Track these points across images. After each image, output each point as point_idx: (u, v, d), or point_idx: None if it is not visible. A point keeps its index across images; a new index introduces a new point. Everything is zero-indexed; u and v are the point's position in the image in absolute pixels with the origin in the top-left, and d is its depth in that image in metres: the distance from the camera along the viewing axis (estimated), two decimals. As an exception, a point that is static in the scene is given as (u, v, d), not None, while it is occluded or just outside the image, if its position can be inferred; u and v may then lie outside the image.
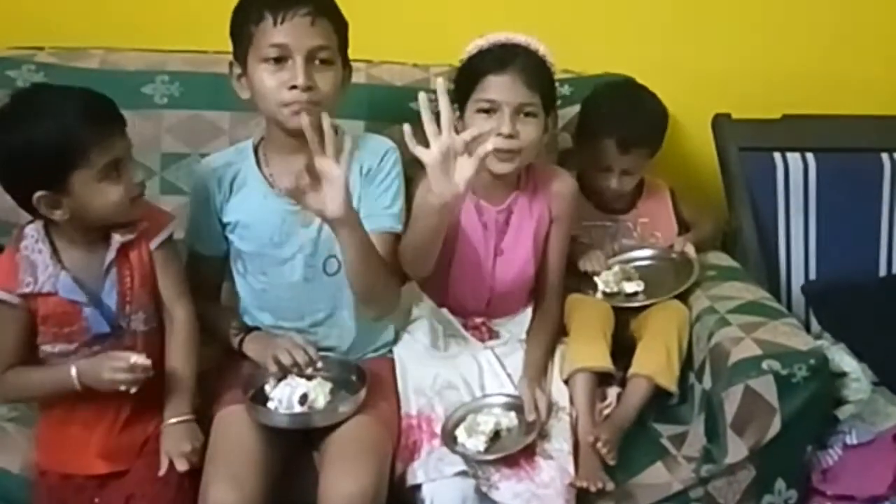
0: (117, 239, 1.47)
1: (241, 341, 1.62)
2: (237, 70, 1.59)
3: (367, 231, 1.53)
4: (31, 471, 1.50)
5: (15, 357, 1.48)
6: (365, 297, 1.57)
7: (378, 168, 1.62)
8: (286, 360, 1.52)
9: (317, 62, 1.52)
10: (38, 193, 1.41)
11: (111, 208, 1.43)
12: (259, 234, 1.60)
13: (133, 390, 1.41)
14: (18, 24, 2.02)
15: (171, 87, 1.90)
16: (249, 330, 1.64)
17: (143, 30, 2.01)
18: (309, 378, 1.52)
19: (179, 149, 1.88)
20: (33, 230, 1.47)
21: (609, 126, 1.84)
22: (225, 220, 1.63)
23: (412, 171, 1.63)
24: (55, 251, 1.46)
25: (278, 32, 1.50)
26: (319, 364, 1.54)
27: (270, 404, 1.49)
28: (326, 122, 1.42)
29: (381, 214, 1.61)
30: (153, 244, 1.51)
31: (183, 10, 2.04)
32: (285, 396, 1.48)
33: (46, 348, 1.47)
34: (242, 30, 1.54)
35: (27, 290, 1.44)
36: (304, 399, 1.48)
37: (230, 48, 1.95)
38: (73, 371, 1.43)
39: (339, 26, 1.57)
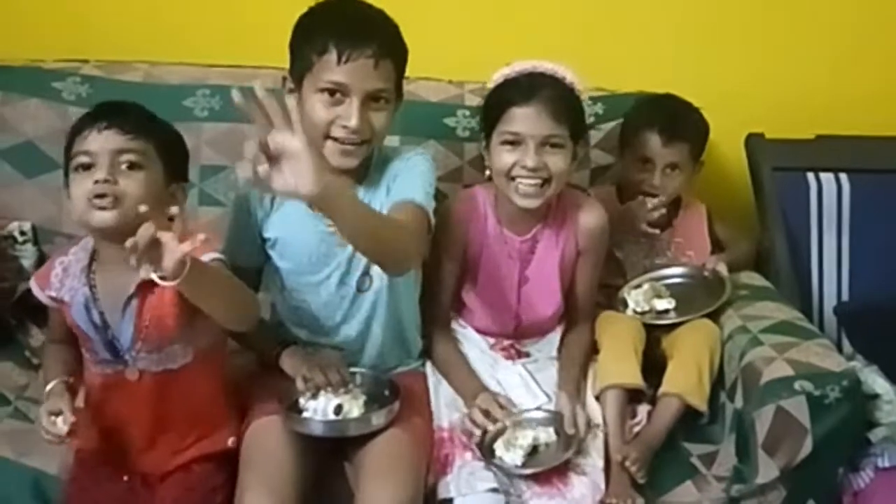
0: (141, 274, 1.34)
1: (278, 355, 1.63)
2: (290, 84, 1.56)
3: (395, 202, 1.52)
4: (67, 473, 1.52)
5: (60, 335, 1.53)
6: (376, 259, 1.45)
7: (407, 165, 1.59)
8: (319, 381, 1.53)
9: (373, 102, 1.50)
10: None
11: (77, 207, 1.40)
12: (297, 253, 1.61)
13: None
14: (65, 38, 2.07)
15: (211, 100, 1.94)
16: (286, 344, 1.65)
17: (185, 44, 2.06)
18: (345, 391, 1.53)
19: (218, 161, 1.91)
20: (88, 238, 1.50)
21: (652, 118, 1.85)
22: (265, 235, 1.63)
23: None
24: (91, 266, 1.47)
25: (340, 71, 1.46)
26: (350, 385, 1.55)
27: (305, 414, 1.51)
28: (260, 92, 1.19)
29: (407, 192, 1.53)
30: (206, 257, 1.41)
31: (224, 25, 2.08)
32: (320, 407, 1.50)
33: (82, 347, 1.51)
34: (303, 52, 1.51)
35: (52, 293, 1.48)
36: (338, 410, 1.50)
37: (269, 63, 2.01)
38: (47, 388, 1.45)
39: (401, 62, 1.54)
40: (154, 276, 1.26)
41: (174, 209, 1.28)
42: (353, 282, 1.61)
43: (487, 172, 1.68)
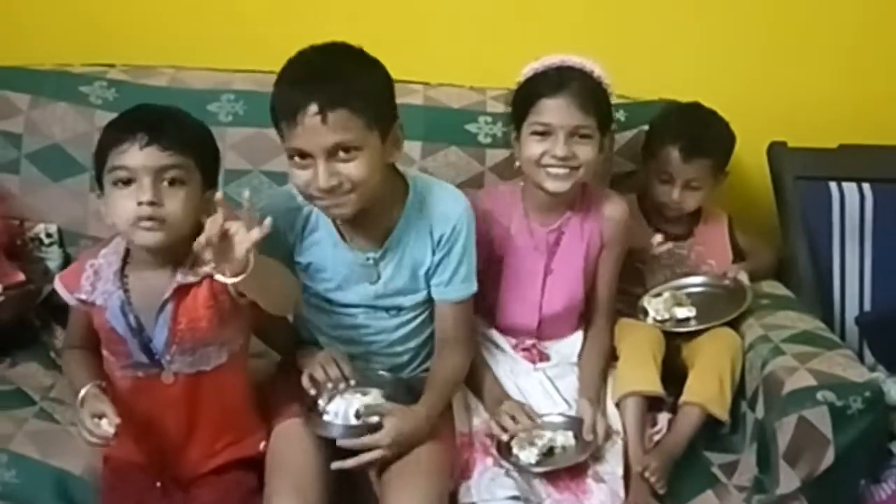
0: (177, 278, 1.43)
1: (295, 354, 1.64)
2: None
3: (445, 300, 1.58)
4: (92, 474, 1.53)
5: (81, 341, 1.53)
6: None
7: (452, 235, 1.57)
8: (319, 377, 1.53)
9: (340, 153, 1.42)
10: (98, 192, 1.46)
11: (120, 222, 1.40)
12: (327, 278, 1.59)
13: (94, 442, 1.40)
14: (92, 42, 2.10)
15: (235, 105, 1.95)
16: (304, 343, 1.65)
17: (210, 50, 2.07)
18: (364, 394, 1.54)
19: (242, 165, 1.93)
20: (119, 241, 1.49)
21: (674, 132, 1.84)
22: (297, 259, 1.60)
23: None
24: (124, 269, 1.47)
25: (294, 138, 1.42)
26: (353, 381, 1.54)
27: (326, 417, 1.51)
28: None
29: (458, 284, 1.59)
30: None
31: (248, 31, 2.10)
32: (341, 410, 1.51)
33: (104, 351, 1.51)
34: (274, 116, 1.48)
35: (83, 296, 1.48)
36: (359, 413, 1.51)
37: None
38: (82, 392, 1.43)
39: (361, 105, 1.42)
40: (221, 277, 1.26)
41: (218, 194, 1.30)
42: (380, 311, 1.61)
43: (517, 164, 1.71)
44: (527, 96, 1.67)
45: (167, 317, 1.44)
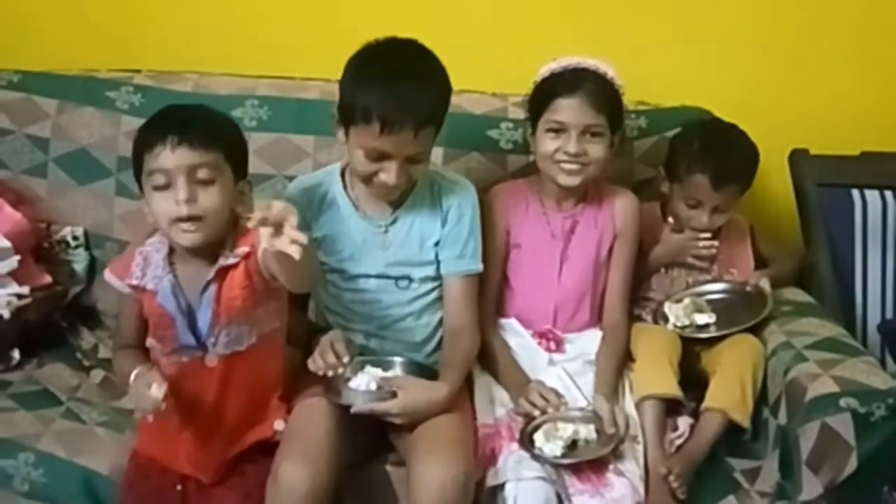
0: (219, 261, 1.49)
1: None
2: (337, 118, 1.62)
3: (453, 273, 1.67)
4: (118, 473, 1.55)
5: (132, 339, 1.56)
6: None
7: (460, 211, 1.69)
8: (318, 365, 1.53)
9: (411, 161, 1.58)
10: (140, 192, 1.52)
11: (161, 222, 1.47)
12: (340, 249, 1.67)
13: (150, 418, 1.42)
14: (118, 48, 2.13)
15: (259, 110, 1.97)
16: (319, 330, 1.66)
17: (234, 56, 2.10)
18: (385, 369, 1.58)
19: (266, 170, 1.94)
20: None
21: (703, 161, 1.83)
22: (314, 235, 1.66)
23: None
24: (171, 255, 1.52)
25: (381, 141, 1.54)
26: (345, 359, 1.54)
27: (350, 385, 1.53)
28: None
29: (465, 258, 1.69)
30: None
31: (272, 37, 2.12)
32: (363, 382, 1.54)
33: (150, 341, 1.54)
34: (349, 105, 1.57)
35: (134, 282, 1.52)
36: (379, 386, 1.54)
37: (316, 75, 2.05)
38: (132, 377, 1.47)
39: (442, 121, 1.62)
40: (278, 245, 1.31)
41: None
42: (392, 280, 1.68)
43: (532, 157, 1.81)
44: (543, 95, 1.76)
45: (210, 297, 1.49)
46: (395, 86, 1.54)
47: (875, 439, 1.53)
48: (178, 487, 1.51)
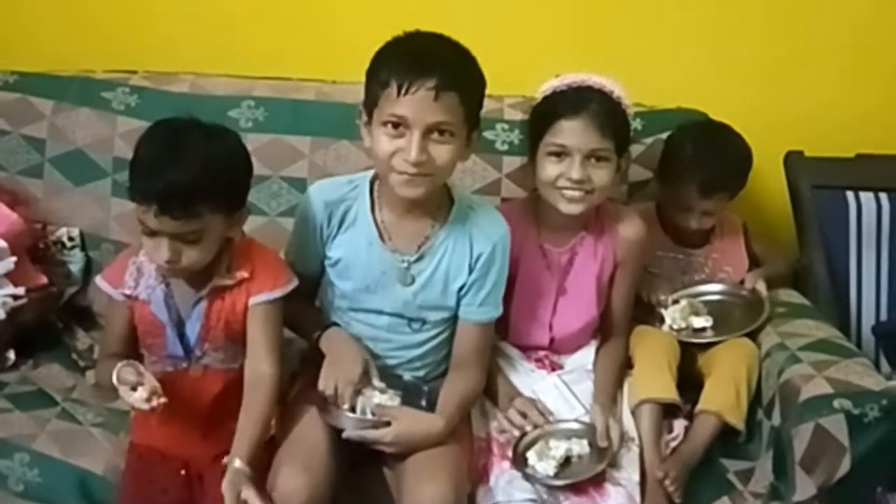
0: (213, 281, 1.49)
1: (318, 339, 1.61)
2: (364, 118, 1.55)
3: (470, 321, 1.60)
4: (114, 473, 1.55)
5: (118, 347, 1.55)
6: None
7: (491, 257, 1.59)
8: (327, 388, 1.51)
9: (435, 134, 1.48)
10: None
11: (149, 259, 1.47)
12: (357, 278, 1.59)
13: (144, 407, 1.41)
14: (114, 49, 2.12)
15: (255, 111, 1.97)
16: (326, 326, 1.63)
17: (230, 57, 2.10)
18: (383, 392, 1.55)
19: (262, 171, 1.92)
20: None
21: (693, 169, 1.81)
22: (328, 253, 1.61)
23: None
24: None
25: (400, 104, 1.46)
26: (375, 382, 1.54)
27: (342, 409, 1.52)
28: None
29: (487, 306, 1.61)
30: (254, 300, 1.50)
31: (269, 39, 2.12)
32: (358, 406, 1.52)
33: (141, 350, 1.55)
34: (371, 87, 1.52)
35: (127, 291, 1.52)
36: (373, 412, 1.52)
37: (312, 76, 2.05)
38: (114, 374, 1.45)
39: (468, 97, 1.50)
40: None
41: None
42: (405, 321, 1.62)
43: (522, 176, 1.72)
44: (544, 115, 1.65)
45: (201, 312, 1.50)
46: (416, 50, 1.49)
47: (869, 440, 1.54)
48: (182, 472, 1.51)
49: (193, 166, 1.40)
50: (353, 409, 1.51)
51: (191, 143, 1.42)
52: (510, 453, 1.55)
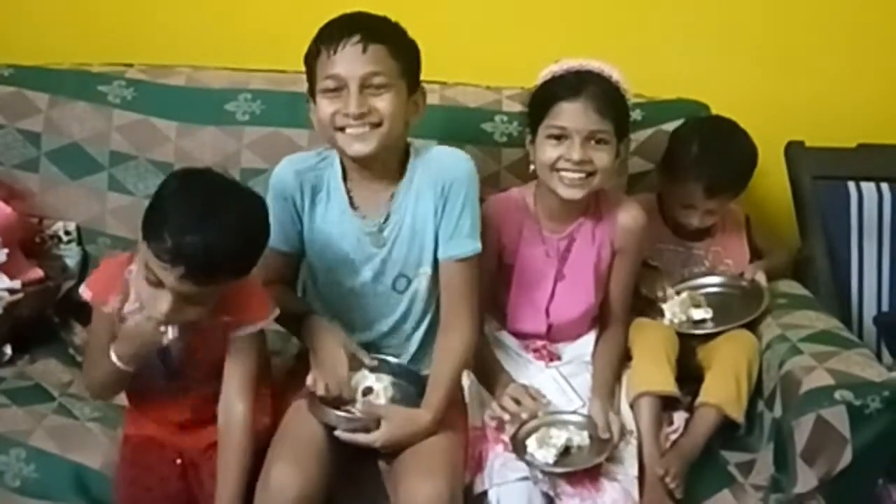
0: (197, 324, 1.45)
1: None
2: (312, 105, 1.60)
3: (449, 258, 1.59)
4: (111, 468, 1.55)
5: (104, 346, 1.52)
6: None
7: (454, 188, 1.60)
8: (318, 389, 1.51)
9: (371, 89, 1.52)
10: None
11: (144, 307, 1.43)
12: (334, 251, 1.62)
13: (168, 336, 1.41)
14: (110, 42, 2.12)
15: (252, 104, 1.96)
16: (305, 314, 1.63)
17: (227, 49, 2.09)
18: (372, 370, 1.56)
19: (258, 164, 1.93)
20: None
21: (698, 170, 1.80)
22: (308, 236, 1.63)
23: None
24: None
25: (332, 63, 1.52)
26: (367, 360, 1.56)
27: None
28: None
29: (462, 238, 1.60)
30: (235, 333, 1.48)
31: (265, 31, 2.11)
32: (356, 397, 1.53)
33: None
34: (308, 68, 1.58)
35: (110, 311, 1.47)
36: (368, 391, 1.53)
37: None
38: (113, 356, 1.45)
39: (400, 50, 1.55)
40: None
41: None
42: (388, 281, 1.63)
43: (532, 167, 1.69)
44: (544, 99, 1.65)
45: (181, 347, 1.48)
46: (339, 18, 1.56)
47: (870, 432, 1.53)
48: (178, 461, 1.51)
49: (234, 236, 1.35)
50: (347, 403, 1.52)
51: (228, 208, 1.36)
52: (508, 439, 1.55)
